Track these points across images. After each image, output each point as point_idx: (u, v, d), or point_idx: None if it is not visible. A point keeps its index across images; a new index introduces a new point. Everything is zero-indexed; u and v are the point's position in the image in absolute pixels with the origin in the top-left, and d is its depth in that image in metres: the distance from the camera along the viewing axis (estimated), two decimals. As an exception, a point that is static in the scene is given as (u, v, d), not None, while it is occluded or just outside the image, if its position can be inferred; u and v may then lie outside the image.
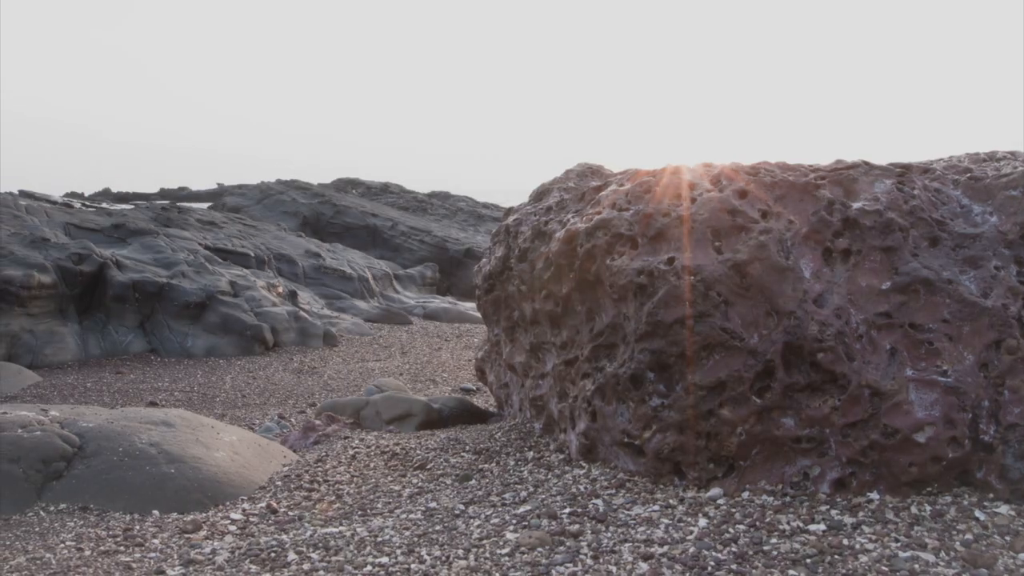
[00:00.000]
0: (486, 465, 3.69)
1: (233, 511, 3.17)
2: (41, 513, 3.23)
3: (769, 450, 3.12)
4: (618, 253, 3.56)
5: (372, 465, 3.85)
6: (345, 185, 26.88)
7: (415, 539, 2.62)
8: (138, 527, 3.02)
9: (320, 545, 2.60)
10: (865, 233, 3.27)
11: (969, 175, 3.46)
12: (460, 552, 2.46)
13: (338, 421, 5.15)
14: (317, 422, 5.11)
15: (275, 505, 3.21)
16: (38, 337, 8.67)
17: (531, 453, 3.82)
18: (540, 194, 4.88)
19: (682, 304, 3.23)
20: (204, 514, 3.24)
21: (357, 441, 4.51)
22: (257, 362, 9.15)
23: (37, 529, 3.03)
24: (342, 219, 17.82)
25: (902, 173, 3.60)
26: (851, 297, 3.16)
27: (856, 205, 3.36)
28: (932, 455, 2.82)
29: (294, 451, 4.48)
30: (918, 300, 3.09)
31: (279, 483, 3.63)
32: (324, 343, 10.07)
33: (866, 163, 3.73)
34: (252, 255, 11.91)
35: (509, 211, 5.35)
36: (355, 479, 3.61)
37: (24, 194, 14.76)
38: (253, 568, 2.40)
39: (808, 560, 2.33)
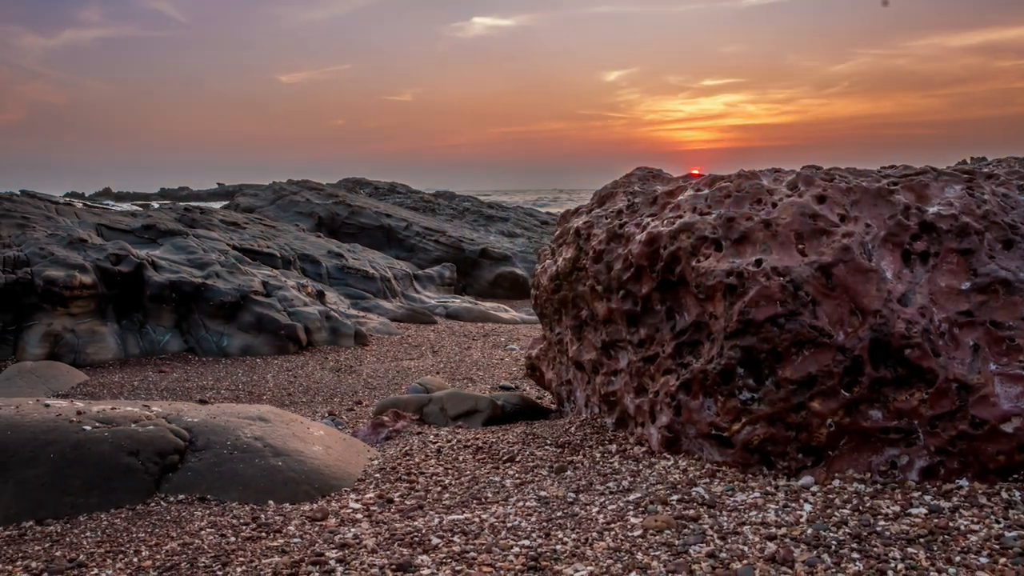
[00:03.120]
0: (574, 457, 3.86)
1: (351, 501, 3.34)
2: (163, 504, 3.39)
3: (857, 440, 3.32)
4: (703, 255, 3.75)
5: (461, 458, 4.02)
6: (353, 185, 27.02)
7: (544, 524, 2.80)
8: (263, 516, 3.19)
9: (456, 530, 2.78)
10: (942, 236, 3.48)
11: (1037, 181, 3.66)
12: (595, 535, 2.64)
13: (404, 418, 5.32)
14: (385, 418, 5.28)
15: (390, 495, 3.38)
16: (80, 336, 8.81)
17: (613, 446, 4.00)
18: (603, 197, 5.07)
19: (773, 303, 3.42)
20: (314, 505, 3.41)
21: (432, 436, 4.68)
22: (293, 361, 9.30)
23: (168, 518, 3.19)
24: (357, 219, 17.97)
25: (969, 179, 3.81)
26: (932, 296, 3.36)
27: (932, 210, 3.56)
28: (1019, 444, 3.02)
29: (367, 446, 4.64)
30: (997, 299, 3.29)
31: (377, 475, 3.80)
32: (355, 343, 10.23)
33: (933, 169, 3.94)
34: (278, 255, 12.06)
35: (569, 213, 5.54)
36: (450, 472, 3.78)
37: (26, 194, 14.85)
38: (405, 551, 2.57)
39: (922, 539, 2.52)
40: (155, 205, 15.60)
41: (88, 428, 3.59)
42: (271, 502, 3.44)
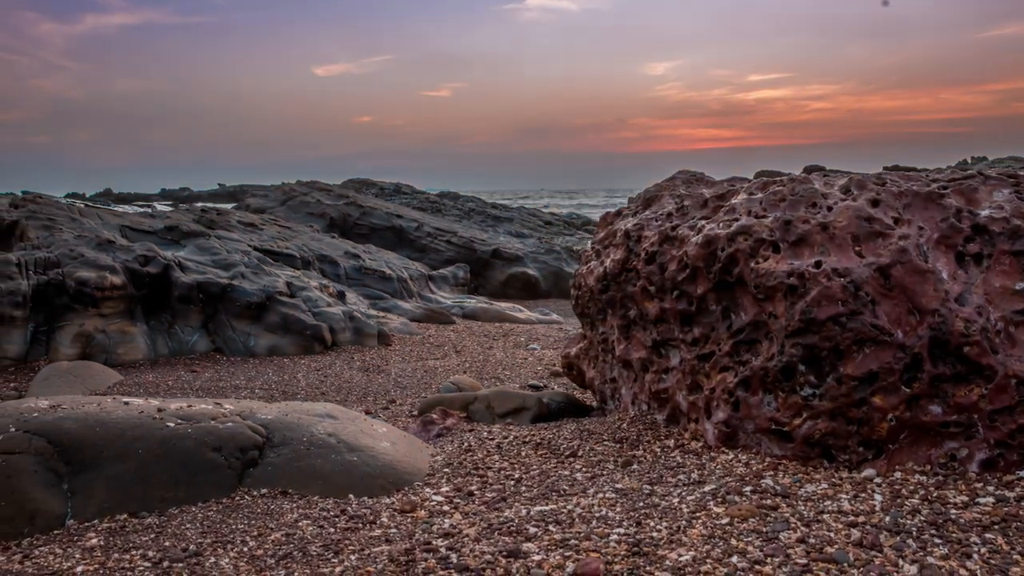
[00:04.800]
0: (635, 452, 4.00)
1: (431, 494, 3.47)
2: (247, 498, 3.52)
3: (916, 434, 3.47)
4: (762, 257, 3.90)
5: (523, 454, 4.15)
6: (359, 186, 27.13)
7: (631, 513, 2.94)
8: (350, 509, 3.32)
9: (548, 520, 2.91)
10: (995, 238, 3.63)
11: (1083, 185, 3.82)
12: (684, 523, 2.78)
13: (452, 415, 5.45)
14: (434, 416, 5.41)
15: (468, 488, 3.51)
16: (111, 337, 8.92)
17: (670, 441, 4.14)
18: (648, 200, 5.22)
19: (834, 303, 3.57)
20: (393, 498, 3.53)
21: (486, 433, 4.81)
22: (320, 361, 9.42)
23: (259, 511, 3.32)
24: (368, 220, 18.08)
25: (1016, 183, 3.96)
26: (987, 296, 3.51)
27: (984, 213, 3.72)
28: (1077, 436, 3.17)
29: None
30: (1051, 299, 3.44)
31: (446, 470, 3.93)
32: (379, 343, 10.36)
33: (981, 173, 4.09)
34: (297, 256, 12.18)
35: (611, 215, 5.68)
36: (516, 466, 3.92)
37: (27, 195, 14.94)
38: (507, 540, 2.70)
39: (996, 526, 2.67)
40: (183, 207, 15.71)
41: (171, 425, 3.72)
42: (351, 496, 3.57)
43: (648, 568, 2.40)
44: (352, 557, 2.63)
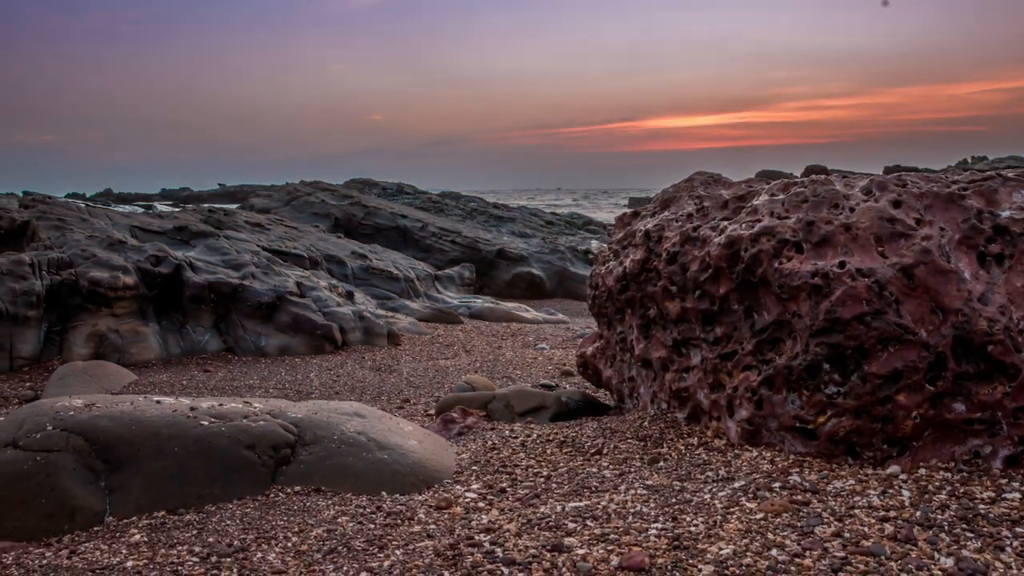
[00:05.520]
0: (660, 450, 4.06)
1: (464, 491, 3.53)
2: (281, 495, 3.58)
3: (940, 431, 3.53)
4: (785, 257, 3.96)
5: (548, 452, 4.21)
6: (361, 186, 27.18)
7: (665, 509, 3.00)
8: (386, 506, 3.37)
9: (584, 516, 2.97)
10: (1016, 239, 3.70)
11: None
12: (719, 518, 2.84)
13: (472, 414, 5.51)
14: (454, 415, 5.47)
15: (499, 485, 3.57)
16: (124, 337, 8.97)
17: (693, 439, 4.20)
18: (666, 201, 5.28)
19: (859, 303, 3.63)
20: (423, 495, 3.59)
21: (508, 432, 4.87)
22: (331, 360, 9.48)
23: (296, 507, 3.37)
24: (373, 220, 18.14)
25: (1034, 184, 4.03)
26: (1010, 296, 3.58)
27: (1004, 214, 3.78)
28: (1100, 433, 3.24)
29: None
30: (1072, 298, 3.50)
31: (474, 468, 3.98)
32: (388, 342, 10.41)
33: (1000, 175, 4.16)
34: (306, 256, 12.23)
35: (628, 216, 5.74)
36: (544, 464, 3.98)
37: (27, 196, 14.96)
38: (547, 534, 2.76)
39: (1025, 521, 2.73)
40: (190, 207, 15.75)
41: (205, 423, 3.77)
42: (383, 493, 3.62)
43: (691, 561, 2.46)
44: (397, 552, 2.69)
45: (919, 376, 3.52)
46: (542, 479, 3.68)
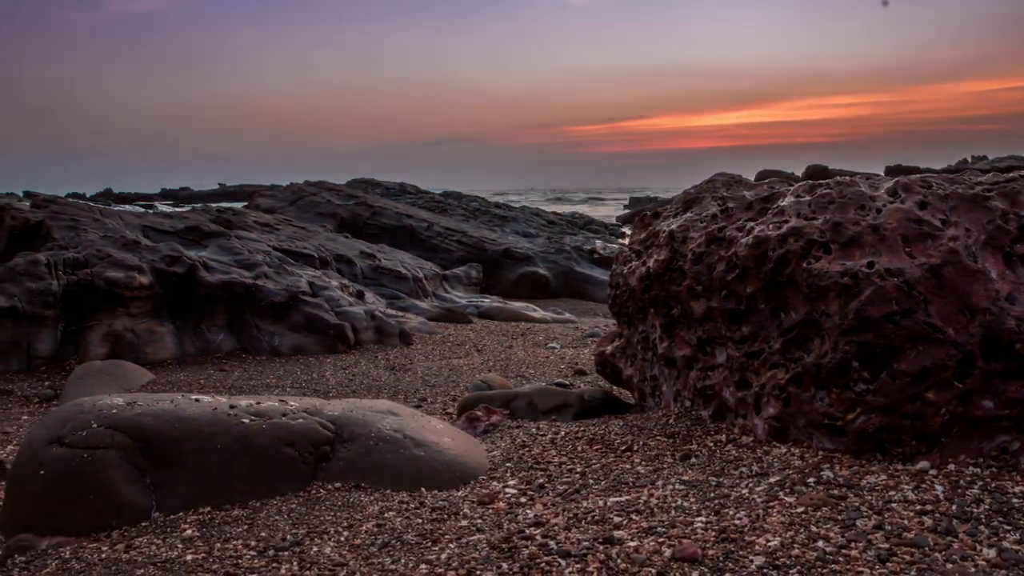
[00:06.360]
0: (690, 447, 4.14)
1: (503, 487, 3.60)
2: (323, 491, 3.65)
3: (968, 428, 3.61)
4: (813, 257, 4.04)
5: (579, 449, 4.28)
6: (363, 186, 27.22)
7: (707, 504, 3.07)
8: (428, 502, 3.45)
9: (628, 510, 3.04)
10: (1041, 239, 3.78)
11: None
12: (761, 512, 2.92)
13: (497, 413, 5.58)
14: (479, 413, 5.54)
15: (537, 481, 3.65)
16: (139, 336, 9.02)
17: (722, 436, 4.28)
18: (688, 202, 5.35)
19: (888, 302, 3.71)
20: (461, 491, 3.66)
21: (534, 429, 4.94)
22: (345, 360, 9.55)
23: (340, 503, 3.44)
24: (379, 220, 18.20)
25: (1057, 185, 4.11)
26: (1036, 295, 3.66)
27: (1029, 215, 3.87)
28: None
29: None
30: (1098, 298, 3.59)
31: (508, 464, 4.06)
32: (400, 342, 10.48)
33: (1022, 176, 4.24)
34: (315, 256, 12.29)
35: (648, 217, 5.82)
36: (577, 460, 4.05)
37: (28, 195, 14.95)
38: (596, 528, 2.84)
39: (1060, 513, 2.81)
40: (198, 206, 15.81)
41: (246, 421, 3.84)
42: (423, 489, 3.70)
43: (741, 552, 2.54)
44: (451, 545, 2.76)
45: (948, 374, 3.60)
46: (578, 475, 3.75)
